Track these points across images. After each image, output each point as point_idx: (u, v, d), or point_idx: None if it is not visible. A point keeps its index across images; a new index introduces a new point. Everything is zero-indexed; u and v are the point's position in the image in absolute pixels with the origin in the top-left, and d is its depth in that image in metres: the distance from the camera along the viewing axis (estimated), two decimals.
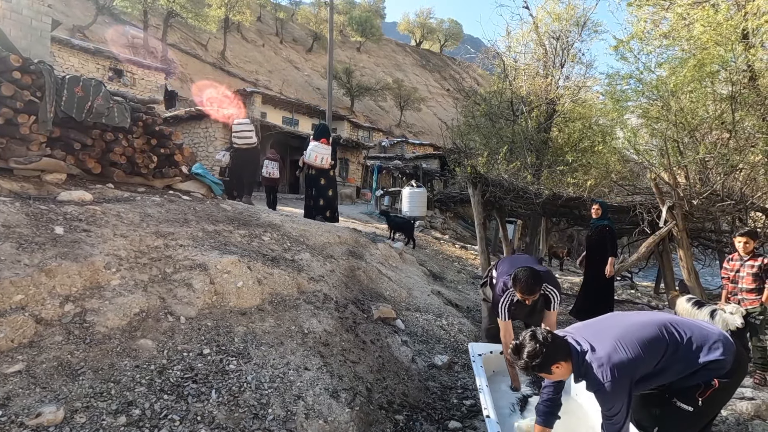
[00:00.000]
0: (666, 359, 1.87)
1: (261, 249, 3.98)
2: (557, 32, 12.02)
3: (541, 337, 1.92)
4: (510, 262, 3.32)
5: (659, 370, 1.89)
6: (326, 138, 5.82)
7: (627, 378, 1.80)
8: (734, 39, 6.43)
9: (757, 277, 3.96)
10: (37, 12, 7.56)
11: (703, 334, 1.93)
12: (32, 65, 3.81)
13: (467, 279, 7.91)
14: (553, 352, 1.91)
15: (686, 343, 1.90)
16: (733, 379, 1.90)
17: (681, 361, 1.89)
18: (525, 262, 3.09)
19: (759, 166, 6.47)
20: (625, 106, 7.97)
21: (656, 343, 1.86)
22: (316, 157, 5.63)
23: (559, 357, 1.92)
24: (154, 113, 4.95)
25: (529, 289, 2.73)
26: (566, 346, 1.95)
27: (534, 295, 2.81)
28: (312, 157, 5.64)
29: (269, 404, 2.28)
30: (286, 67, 41.31)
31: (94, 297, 2.55)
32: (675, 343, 1.89)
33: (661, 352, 1.86)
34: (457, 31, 61.63)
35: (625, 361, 1.80)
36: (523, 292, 2.75)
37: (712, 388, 1.85)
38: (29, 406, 1.84)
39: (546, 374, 1.98)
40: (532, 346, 1.90)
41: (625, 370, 1.79)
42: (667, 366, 1.88)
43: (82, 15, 27.25)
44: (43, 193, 3.62)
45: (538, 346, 1.89)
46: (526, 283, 2.72)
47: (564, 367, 1.93)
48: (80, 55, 16.81)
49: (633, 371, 1.82)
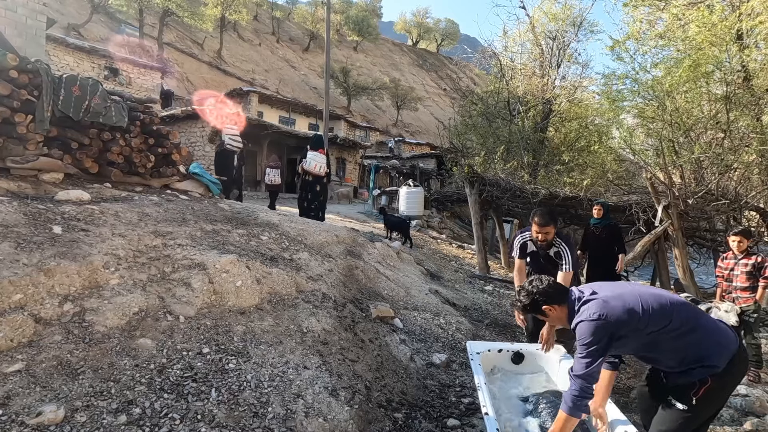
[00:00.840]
0: (662, 334, 1.83)
1: (259, 248, 3.99)
2: (554, 32, 12.08)
3: (542, 280, 2.08)
4: None
5: (650, 342, 1.86)
6: (322, 148, 6.62)
7: (612, 323, 1.81)
8: (729, 40, 6.49)
9: (750, 275, 4.01)
10: (32, 10, 7.52)
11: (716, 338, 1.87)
12: (29, 64, 3.80)
13: (464, 278, 7.94)
14: (549, 295, 2.03)
15: (693, 335, 1.83)
16: (730, 378, 1.85)
17: (679, 350, 1.85)
18: None
19: (753, 166, 6.54)
20: (621, 106, 8.02)
21: (658, 312, 1.84)
22: (315, 165, 6.36)
23: (553, 301, 2.03)
24: (152, 113, 4.94)
25: (543, 219, 3.00)
26: (565, 293, 2.06)
27: (546, 228, 3.02)
28: (312, 165, 6.36)
29: (269, 403, 2.29)
30: (282, 66, 41.23)
31: (93, 296, 2.55)
32: (679, 327, 1.83)
33: (658, 324, 1.83)
34: (453, 31, 61.73)
35: (617, 308, 1.84)
36: (538, 223, 3.02)
37: (706, 386, 1.81)
38: (29, 405, 1.84)
39: (541, 316, 2.11)
40: (532, 286, 2.07)
41: (613, 316, 1.82)
42: (659, 341, 1.84)
43: (77, 13, 27.08)
44: (41, 193, 3.61)
45: (536, 287, 2.05)
46: (541, 214, 3.03)
47: (557, 311, 2.04)
48: (75, 53, 16.73)
49: (620, 321, 1.82)
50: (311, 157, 6.44)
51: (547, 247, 3.13)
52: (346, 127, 29.10)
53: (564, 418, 1.88)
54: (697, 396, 1.82)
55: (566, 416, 1.87)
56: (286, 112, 26.75)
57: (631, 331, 1.85)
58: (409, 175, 20.72)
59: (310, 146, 6.59)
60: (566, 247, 3.07)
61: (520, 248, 3.26)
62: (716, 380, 1.82)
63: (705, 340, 1.85)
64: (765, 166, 6.49)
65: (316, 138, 6.82)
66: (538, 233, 3.08)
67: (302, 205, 6.83)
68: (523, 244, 3.25)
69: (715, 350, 1.83)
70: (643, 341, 1.88)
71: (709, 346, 1.84)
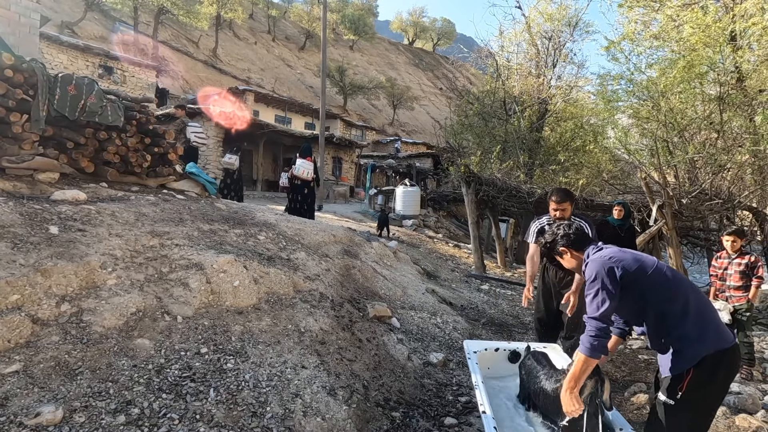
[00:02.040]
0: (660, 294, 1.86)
1: (257, 248, 3.99)
2: (549, 32, 12.13)
3: (570, 226, 2.15)
4: None
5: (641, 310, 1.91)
6: (310, 156, 7.59)
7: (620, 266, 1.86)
8: (722, 41, 6.55)
9: (744, 274, 4.06)
10: (26, 8, 7.46)
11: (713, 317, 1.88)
12: (25, 63, 3.78)
13: (461, 277, 7.97)
14: (569, 238, 2.10)
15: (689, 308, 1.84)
16: (720, 373, 1.81)
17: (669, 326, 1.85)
18: None
19: (746, 166, 6.60)
20: (616, 106, 8.08)
21: (666, 277, 1.88)
22: (303, 171, 7.39)
23: (573, 246, 2.09)
24: (148, 112, 4.92)
25: (559, 196, 3.05)
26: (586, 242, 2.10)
27: (563, 205, 3.06)
28: (300, 171, 7.39)
29: (267, 402, 2.30)
30: (278, 65, 41.09)
31: (91, 297, 2.54)
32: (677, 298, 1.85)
33: (661, 287, 1.86)
34: (449, 30, 61.75)
35: (627, 255, 1.91)
36: (555, 200, 3.06)
37: (689, 377, 1.79)
38: (28, 406, 1.84)
39: (557, 256, 2.16)
40: (558, 228, 2.16)
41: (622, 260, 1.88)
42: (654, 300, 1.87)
43: (71, 11, 26.85)
44: (37, 193, 3.59)
45: (562, 229, 2.15)
46: (558, 191, 3.09)
47: (572, 255, 2.10)
48: (69, 51, 16.60)
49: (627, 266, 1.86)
50: (299, 164, 7.43)
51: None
52: (342, 126, 29.07)
53: (583, 359, 1.88)
54: (682, 390, 1.80)
55: (585, 358, 1.87)
56: (282, 111, 26.69)
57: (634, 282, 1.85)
58: (405, 174, 20.74)
59: (300, 154, 7.58)
60: (585, 223, 3.07)
61: (538, 232, 3.26)
62: (699, 373, 1.79)
63: (697, 326, 1.82)
64: (758, 166, 6.56)
65: (305, 147, 7.79)
66: (556, 210, 3.09)
67: (293, 206, 7.70)
68: (540, 228, 3.25)
69: (704, 339, 1.81)
70: (639, 305, 1.90)
71: (698, 334, 1.82)
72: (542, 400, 2.37)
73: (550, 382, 2.31)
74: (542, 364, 2.55)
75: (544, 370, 2.45)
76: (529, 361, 2.63)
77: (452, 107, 15.77)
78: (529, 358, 2.67)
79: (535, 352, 2.74)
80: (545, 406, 2.35)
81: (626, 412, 3.11)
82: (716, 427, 3.06)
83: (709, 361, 1.79)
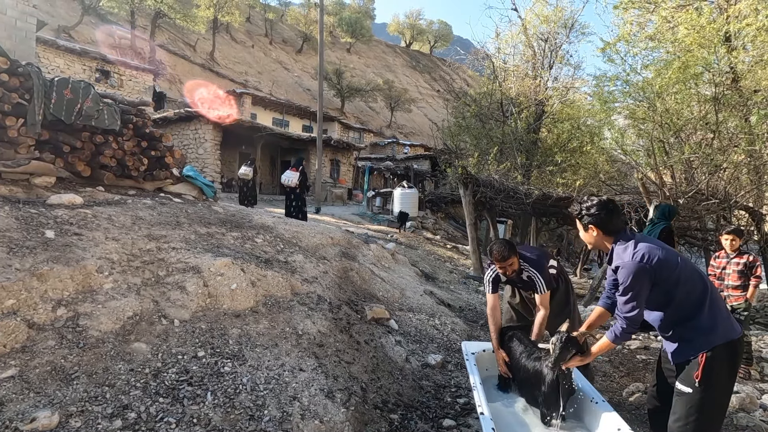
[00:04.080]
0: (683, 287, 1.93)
1: (254, 251, 3.99)
2: (545, 34, 12.17)
3: (607, 204, 2.07)
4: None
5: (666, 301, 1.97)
6: (296, 167, 9.27)
7: (652, 266, 1.90)
8: (717, 41, 6.59)
9: (742, 274, 4.06)
10: (22, 12, 7.44)
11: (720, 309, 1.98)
12: (20, 67, 3.78)
13: (459, 279, 7.97)
14: (599, 220, 2.05)
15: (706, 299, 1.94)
16: (727, 362, 1.90)
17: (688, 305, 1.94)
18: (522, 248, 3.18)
19: (742, 166, 6.63)
20: (613, 107, 8.09)
21: (691, 270, 1.98)
22: (287, 179, 9.11)
23: (601, 227, 2.05)
24: (144, 115, 4.92)
25: (501, 255, 2.90)
26: (615, 229, 2.06)
27: (507, 262, 2.91)
28: (284, 180, 9.18)
29: (265, 405, 2.29)
30: (275, 68, 41.13)
31: (87, 301, 2.53)
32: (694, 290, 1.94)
33: (686, 282, 1.93)
34: (446, 33, 61.93)
35: (658, 253, 1.93)
36: (497, 259, 2.92)
37: (702, 365, 1.87)
38: (23, 411, 1.83)
39: (582, 229, 2.14)
40: (596, 205, 2.06)
41: (656, 263, 1.91)
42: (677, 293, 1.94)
43: (68, 15, 26.84)
44: (32, 197, 3.58)
45: (596, 208, 2.05)
46: (497, 250, 2.92)
47: (598, 234, 2.07)
48: (66, 55, 16.57)
49: (659, 265, 1.91)
50: (286, 174, 9.18)
51: (518, 276, 3.02)
52: (339, 128, 29.09)
53: (607, 344, 2.10)
54: (698, 378, 1.88)
55: (609, 343, 2.08)
56: (280, 113, 26.69)
57: (665, 280, 1.92)
58: (403, 176, 20.75)
59: (290, 166, 9.40)
60: (535, 271, 2.95)
61: (493, 282, 3.05)
62: (713, 361, 1.87)
63: (710, 317, 1.92)
64: (753, 165, 6.58)
65: (297, 160, 9.76)
66: (502, 268, 2.96)
67: (287, 210, 9.21)
68: (495, 278, 3.05)
69: (716, 329, 1.90)
70: (665, 298, 1.96)
71: (711, 324, 1.91)
72: (522, 375, 2.62)
73: (530, 361, 2.58)
74: (524, 342, 2.77)
75: (526, 348, 2.70)
76: (512, 342, 2.84)
77: (449, 109, 15.79)
78: (511, 339, 2.88)
79: (516, 332, 2.93)
80: (527, 379, 2.59)
81: (624, 411, 3.11)
82: None
83: (721, 350, 1.87)
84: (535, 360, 2.56)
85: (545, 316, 2.96)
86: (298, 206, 9.20)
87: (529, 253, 3.09)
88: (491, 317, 3.03)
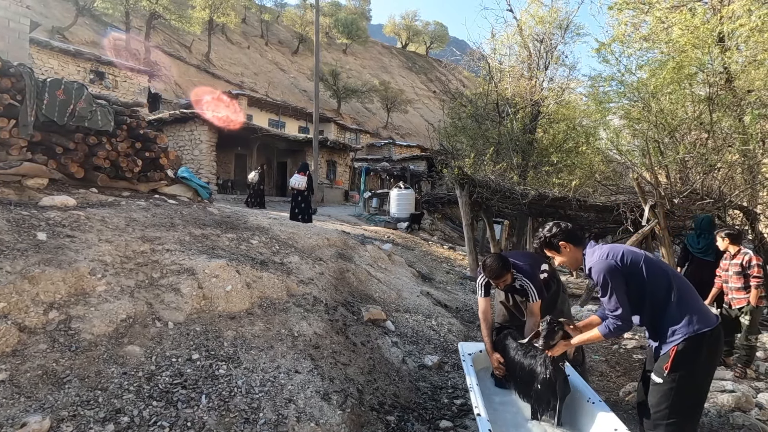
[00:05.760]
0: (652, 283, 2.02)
1: (249, 252, 3.96)
2: (541, 35, 12.21)
3: (563, 224, 2.29)
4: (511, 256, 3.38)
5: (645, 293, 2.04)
6: (303, 172, 10.02)
7: (620, 262, 2.02)
8: (711, 42, 6.62)
9: (741, 274, 4.03)
10: (15, 13, 7.38)
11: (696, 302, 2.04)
12: (12, 68, 3.74)
13: (456, 279, 7.96)
14: (567, 235, 2.24)
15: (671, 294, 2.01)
16: (698, 353, 1.93)
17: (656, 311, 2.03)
18: (514, 255, 3.15)
19: (736, 165, 6.65)
20: (608, 108, 8.12)
21: (658, 267, 2.07)
22: (296, 183, 9.77)
23: (570, 241, 2.24)
24: (139, 116, 4.88)
25: (494, 274, 2.88)
26: (581, 239, 2.26)
27: (501, 279, 2.91)
28: (293, 183, 9.90)
29: (260, 408, 2.27)
30: (271, 69, 41.05)
31: (80, 304, 2.50)
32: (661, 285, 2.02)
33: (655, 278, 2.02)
34: (442, 34, 62.05)
35: (622, 249, 2.08)
36: (491, 277, 2.91)
37: (672, 357, 1.94)
38: (14, 416, 1.80)
39: (555, 252, 2.29)
40: (554, 225, 2.30)
41: (618, 255, 2.04)
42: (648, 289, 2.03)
43: (62, 16, 26.67)
44: (25, 199, 3.55)
45: (558, 228, 2.28)
46: (491, 269, 2.88)
47: (572, 249, 2.23)
48: (60, 57, 16.46)
49: (624, 260, 2.03)
50: (295, 177, 9.97)
51: (511, 286, 3.01)
52: (336, 129, 29.05)
53: (597, 335, 2.16)
54: (668, 369, 1.96)
55: (599, 335, 2.15)
56: (276, 115, 26.63)
57: (631, 274, 2.02)
58: (399, 177, 20.73)
59: (297, 170, 10.20)
60: (527, 280, 2.95)
61: (484, 286, 3.03)
62: (683, 352, 1.93)
63: (678, 310, 1.99)
64: (747, 165, 6.61)
65: (302, 165, 10.51)
66: (497, 284, 2.95)
67: (292, 213, 9.74)
68: (487, 282, 3.02)
69: (685, 322, 1.96)
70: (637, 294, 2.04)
71: (680, 317, 1.98)
72: (518, 372, 2.64)
73: (527, 358, 2.60)
74: (518, 340, 2.80)
75: (520, 346, 2.73)
76: (507, 340, 2.87)
77: (445, 110, 15.80)
78: (506, 337, 2.91)
79: (511, 331, 2.98)
80: (522, 377, 2.61)
81: (621, 411, 3.10)
82: (711, 425, 3.07)
83: (692, 342, 1.93)
84: (531, 358, 2.58)
85: (536, 323, 2.95)
86: (303, 209, 9.81)
87: (521, 261, 3.06)
88: (483, 321, 3.02)
